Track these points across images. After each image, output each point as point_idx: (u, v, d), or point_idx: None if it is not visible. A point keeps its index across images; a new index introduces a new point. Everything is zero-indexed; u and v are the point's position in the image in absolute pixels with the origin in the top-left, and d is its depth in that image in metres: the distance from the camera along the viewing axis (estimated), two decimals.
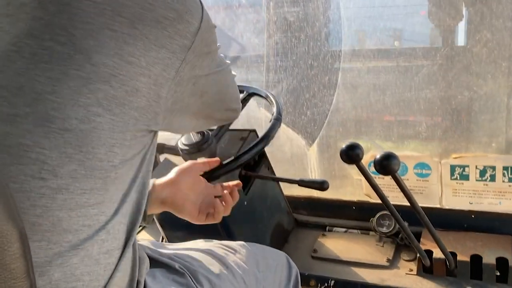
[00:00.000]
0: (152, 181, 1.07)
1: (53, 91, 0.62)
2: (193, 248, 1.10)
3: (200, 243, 1.16)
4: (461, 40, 1.68)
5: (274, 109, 1.28)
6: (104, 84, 0.63)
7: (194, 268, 0.96)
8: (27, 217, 0.62)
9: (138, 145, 0.71)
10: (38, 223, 0.63)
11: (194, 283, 0.91)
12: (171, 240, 1.56)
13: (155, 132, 0.76)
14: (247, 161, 1.19)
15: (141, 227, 1.85)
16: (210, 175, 1.15)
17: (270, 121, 1.25)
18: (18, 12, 0.64)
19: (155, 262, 0.94)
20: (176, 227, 1.53)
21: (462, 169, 1.61)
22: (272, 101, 1.32)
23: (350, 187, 1.82)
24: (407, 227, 1.35)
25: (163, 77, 0.69)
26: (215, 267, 1.00)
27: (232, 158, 1.18)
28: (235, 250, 1.11)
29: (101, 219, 0.68)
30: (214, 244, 1.14)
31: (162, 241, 1.62)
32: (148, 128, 0.71)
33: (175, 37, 0.68)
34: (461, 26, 1.67)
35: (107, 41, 0.63)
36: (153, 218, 1.57)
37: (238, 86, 1.41)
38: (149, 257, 0.91)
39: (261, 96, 1.39)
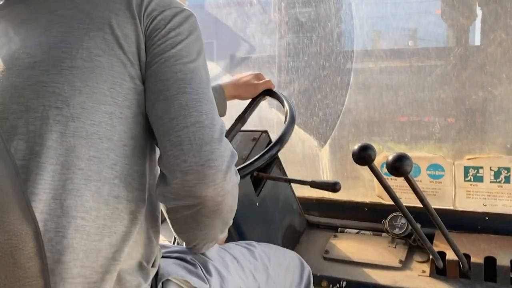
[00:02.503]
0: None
1: (62, 40, 0.80)
2: None
3: None
4: (475, 39, 1.67)
5: (288, 113, 1.28)
6: (100, 31, 0.80)
7: (205, 259, 0.98)
8: (45, 141, 0.73)
9: (138, 94, 0.81)
10: (53, 147, 0.73)
11: (204, 273, 0.93)
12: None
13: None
14: (261, 166, 1.19)
15: None
16: None
17: (284, 123, 1.25)
18: None
19: (168, 258, 0.96)
20: None
21: (476, 170, 1.59)
22: (285, 105, 1.32)
23: (362, 188, 1.81)
24: (420, 229, 1.34)
25: (142, 28, 0.82)
26: (225, 261, 1.02)
27: (246, 163, 1.18)
28: (247, 248, 1.12)
29: (110, 156, 0.77)
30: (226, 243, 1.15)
31: (174, 241, 1.63)
32: (143, 81, 0.82)
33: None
34: (475, 26, 1.65)
35: (101, 2, 0.83)
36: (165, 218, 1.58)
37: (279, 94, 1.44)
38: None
39: (274, 97, 1.39)
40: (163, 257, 0.93)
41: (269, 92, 1.41)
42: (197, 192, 0.74)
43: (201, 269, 0.94)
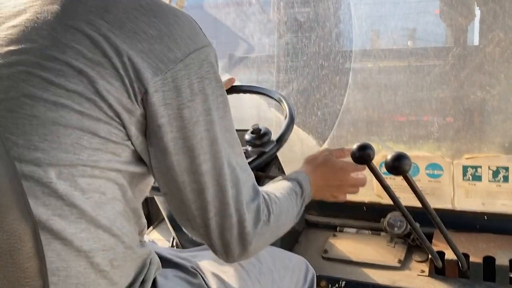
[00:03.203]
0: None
1: (26, 79, 0.66)
2: (207, 249, 1.11)
3: None
4: (473, 39, 1.67)
5: (287, 113, 1.28)
6: (74, 78, 0.65)
7: (206, 268, 0.96)
8: None
9: (110, 150, 0.69)
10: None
11: (206, 283, 0.91)
12: (182, 240, 1.57)
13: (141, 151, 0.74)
14: (259, 166, 1.19)
15: (151, 227, 1.85)
16: None
17: (284, 123, 1.25)
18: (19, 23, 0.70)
19: (168, 263, 0.94)
20: None
21: (474, 169, 1.59)
22: (285, 105, 1.32)
23: (361, 187, 1.81)
24: (419, 228, 1.34)
25: (133, 88, 0.68)
26: (229, 266, 1.00)
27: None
28: None
29: (73, 212, 0.67)
30: None
31: (172, 241, 1.62)
32: (122, 138, 0.70)
33: (148, 54, 0.67)
34: (474, 26, 1.65)
35: (83, 39, 0.66)
36: (163, 218, 1.58)
37: (252, 86, 1.43)
38: (161, 258, 0.91)
39: (274, 99, 1.39)
40: (162, 263, 0.90)
41: (235, 88, 1.44)
42: (227, 260, 0.83)
43: (202, 278, 0.92)
